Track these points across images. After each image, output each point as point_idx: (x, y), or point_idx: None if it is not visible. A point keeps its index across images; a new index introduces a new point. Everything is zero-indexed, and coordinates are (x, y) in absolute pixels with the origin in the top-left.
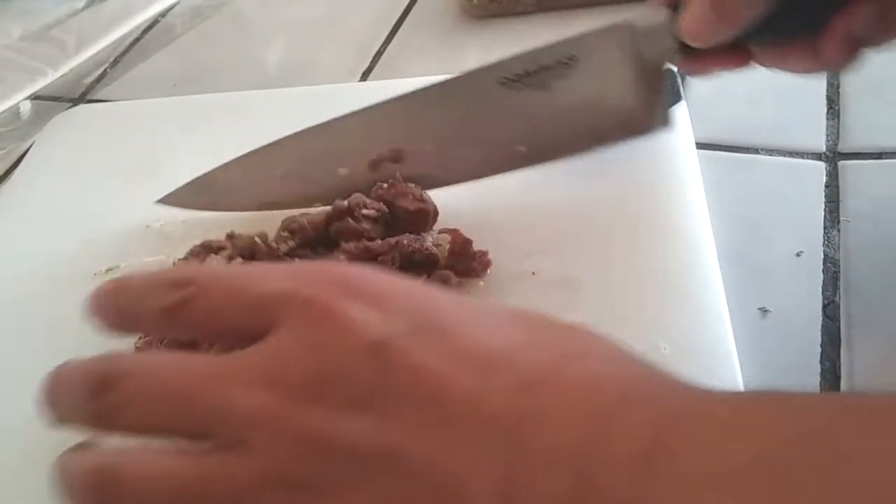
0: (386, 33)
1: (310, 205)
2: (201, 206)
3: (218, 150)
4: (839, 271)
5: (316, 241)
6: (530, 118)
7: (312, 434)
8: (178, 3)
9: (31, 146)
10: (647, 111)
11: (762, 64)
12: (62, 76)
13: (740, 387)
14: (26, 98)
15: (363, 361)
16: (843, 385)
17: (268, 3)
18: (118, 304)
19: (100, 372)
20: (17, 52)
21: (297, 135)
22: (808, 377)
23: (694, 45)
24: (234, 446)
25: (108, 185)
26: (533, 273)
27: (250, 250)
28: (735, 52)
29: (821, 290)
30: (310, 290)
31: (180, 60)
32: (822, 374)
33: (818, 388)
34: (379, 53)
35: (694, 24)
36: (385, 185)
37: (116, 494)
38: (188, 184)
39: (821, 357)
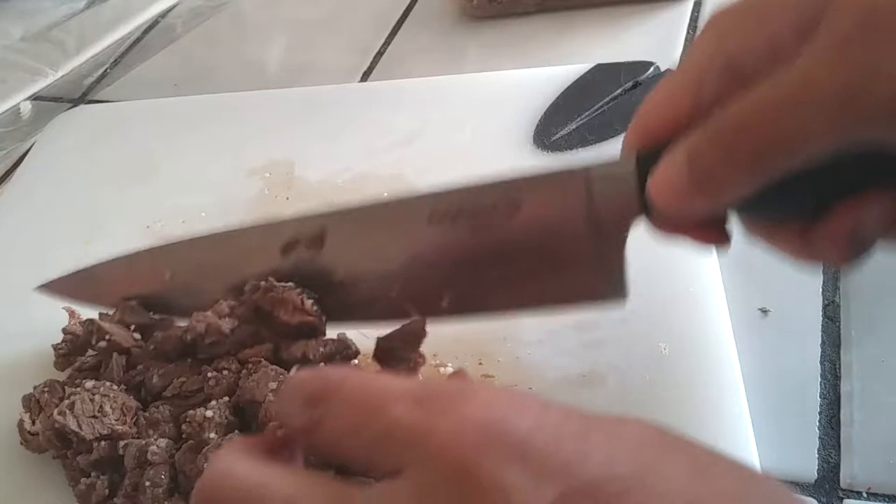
0: (386, 34)
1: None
2: (82, 299)
3: (218, 151)
4: (839, 271)
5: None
6: (455, 266)
7: None
8: (178, 4)
9: (31, 146)
10: (598, 278)
11: (749, 237)
12: (63, 77)
13: (740, 386)
14: (27, 98)
15: None
16: (843, 385)
17: (268, 4)
18: (282, 409)
19: (207, 487)
20: (18, 52)
21: (190, 241)
22: (808, 377)
23: (662, 211)
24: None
25: (108, 185)
26: None
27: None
28: (713, 228)
29: (821, 290)
30: (443, 433)
31: (181, 61)
32: (822, 375)
33: (818, 387)
34: (379, 54)
35: (664, 188)
36: (260, 287)
37: None
38: (72, 274)
39: (821, 357)
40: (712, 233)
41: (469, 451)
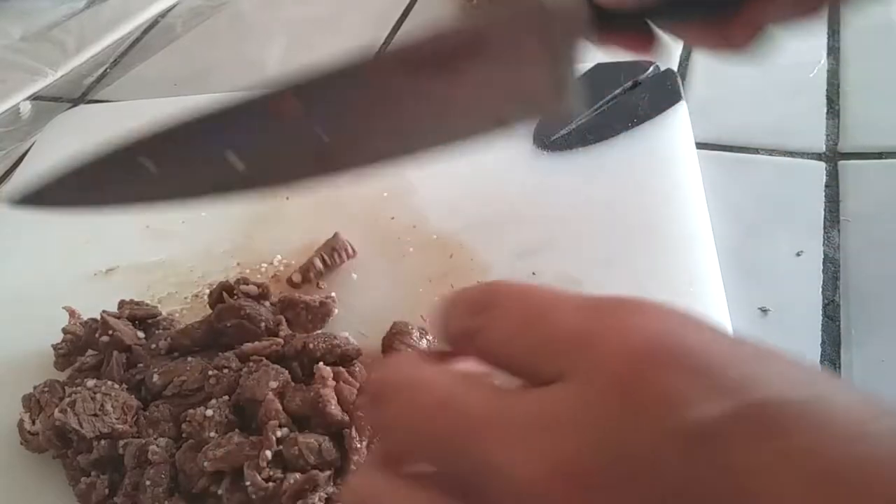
0: (385, 34)
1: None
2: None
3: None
4: (839, 271)
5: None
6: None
7: None
8: (178, 4)
9: (31, 146)
10: (548, 88)
11: (673, 38)
12: (62, 76)
13: None
14: (27, 98)
15: (671, 452)
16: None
17: (268, 4)
18: (439, 323)
19: (379, 381)
20: (18, 52)
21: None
22: None
23: (606, 6)
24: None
25: None
26: (533, 273)
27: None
28: (642, 34)
29: (821, 290)
30: (612, 341)
31: (180, 61)
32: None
33: None
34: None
35: None
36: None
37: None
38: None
39: (821, 357)
40: (643, 40)
41: (638, 360)
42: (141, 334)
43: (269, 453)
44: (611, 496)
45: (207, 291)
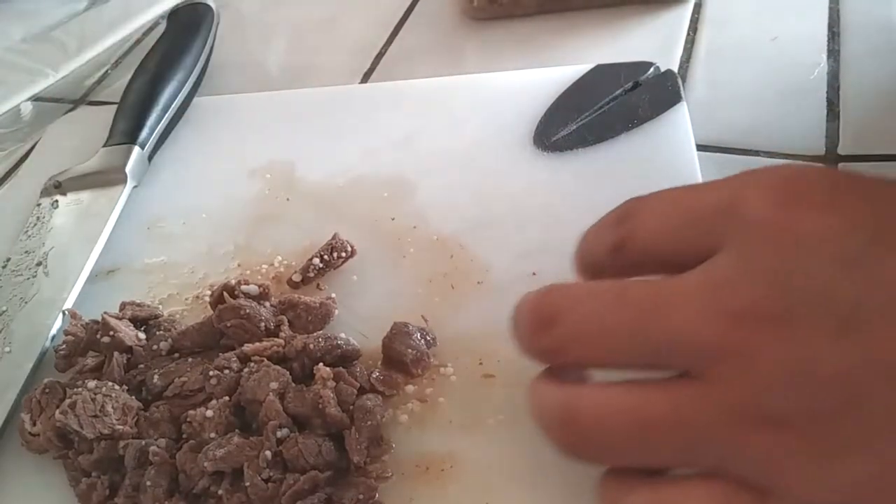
0: (387, 35)
1: None
2: None
3: (218, 151)
4: None
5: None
6: None
7: (789, 364)
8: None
9: (32, 148)
10: None
11: None
12: (63, 78)
13: None
14: (28, 99)
15: (836, 278)
16: None
17: (268, 5)
18: (581, 255)
19: (544, 307)
20: (19, 53)
21: None
22: None
23: None
24: (697, 378)
25: None
26: (533, 273)
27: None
28: None
29: None
30: (752, 202)
31: None
32: None
33: None
34: (380, 55)
35: None
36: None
37: (576, 432)
38: None
39: None
40: None
41: (780, 209)
42: (142, 335)
43: (269, 454)
44: (795, 329)
45: (208, 293)
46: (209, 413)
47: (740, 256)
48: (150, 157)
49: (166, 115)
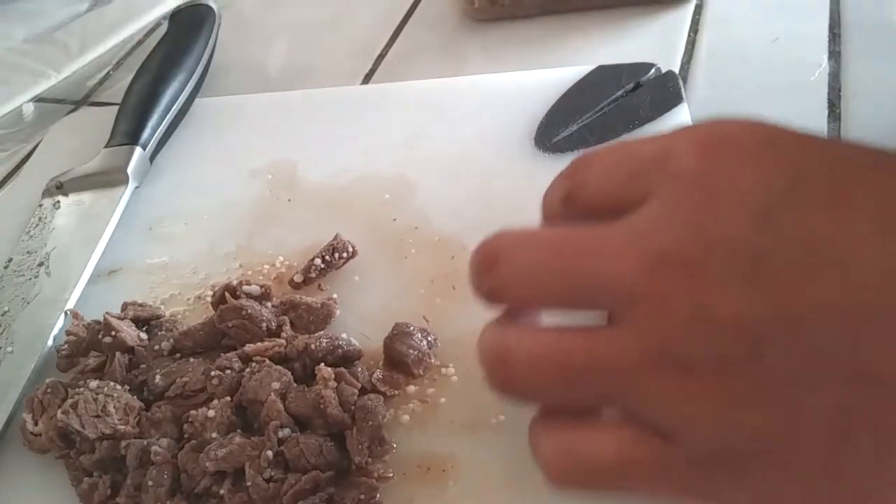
0: (388, 37)
1: None
2: None
3: (220, 152)
4: None
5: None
6: None
7: (700, 308)
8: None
9: (34, 148)
10: None
11: None
12: (66, 78)
13: None
14: (30, 100)
15: (748, 229)
16: None
17: (269, 6)
18: (542, 207)
19: (489, 250)
20: (21, 54)
21: None
22: None
23: None
24: (614, 319)
25: None
26: None
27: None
28: None
29: None
30: (678, 155)
31: None
32: None
33: None
34: (381, 57)
35: None
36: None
37: (506, 372)
38: None
39: None
40: None
41: (703, 161)
42: (144, 336)
43: (270, 454)
44: (705, 276)
45: (210, 293)
46: (211, 413)
47: (663, 205)
48: (152, 158)
49: (168, 116)
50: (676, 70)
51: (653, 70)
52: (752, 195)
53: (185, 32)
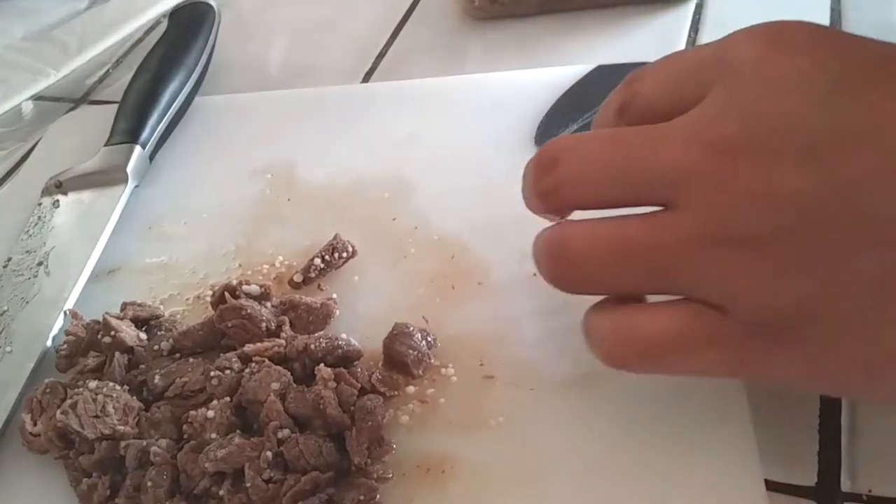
0: (388, 35)
1: None
2: None
3: (219, 151)
4: None
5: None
6: None
7: (753, 186)
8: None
9: (33, 147)
10: None
11: None
12: (64, 77)
13: (740, 386)
14: (28, 98)
15: (804, 111)
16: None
17: (269, 5)
18: (596, 122)
19: (547, 153)
20: (20, 52)
21: None
22: None
23: None
24: (673, 205)
25: None
26: (534, 273)
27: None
28: None
29: None
30: (736, 49)
31: None
32: None
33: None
34: (381, 55)
35: None
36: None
37: (563, 261)
38: None
39: None
40: None
41: (760, 53)
42: (143, 336)
43: (270, 454)
44: (763, 155)
45: (209, 293)
46: (210, 413)
47: (721, 97)
48: (152, 157)
49: (167, 115)
50: None
51: None
52: (809, 79)
53: (185, 30)
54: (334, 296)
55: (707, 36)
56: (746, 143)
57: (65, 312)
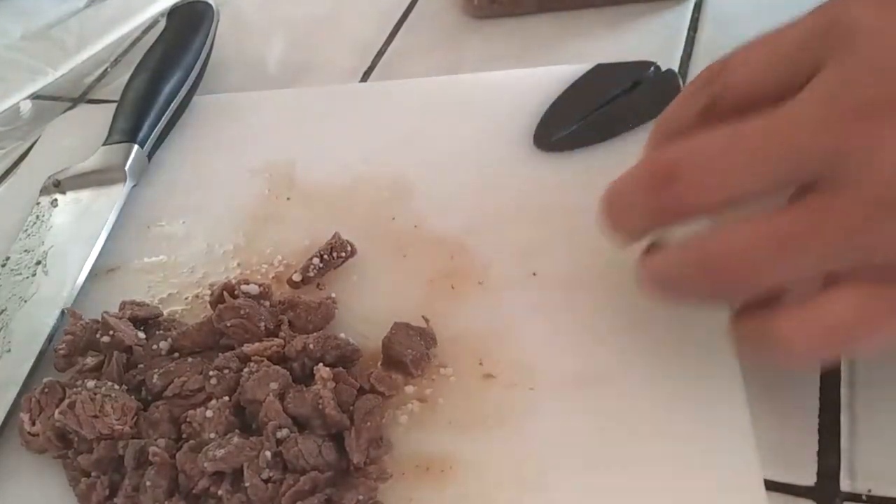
0: (386, 34)
1: None
2: None
3: (218, 151)
4: None
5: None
6: None
7: None
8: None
9: (32, 146)
10: None
11: None
12: (63, 75)
13: (742, 389)
14: (27, 97)
15: None
16: (843, 387)
17: (268, 3)
18: (664, 127)
19: (661, 166)
20: (18, 51)
21: None
22: (809, 379)
23: None
24: (824, 188)
25: None
26: (534, 273)
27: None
28: None
29: None
30: (853, 12)
31: None
32: (822, 377)
33: (818, 390)
34: (379, 54)
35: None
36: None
37: (717, 269)
38: None
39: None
40: None
41: (882, 11)
42: (142, 335)
43: (269, 454)
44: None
45: (208, 292)
46: (209, 413)
47: (845, 64)
48: (150, 156)
49: (166, 114)
50: (676, 68)
51: (652, 68)
52: None
53: (184, 29)
54: (333, 295)
55: (706, 35)
56: (891, 101)
57: (63, 311)
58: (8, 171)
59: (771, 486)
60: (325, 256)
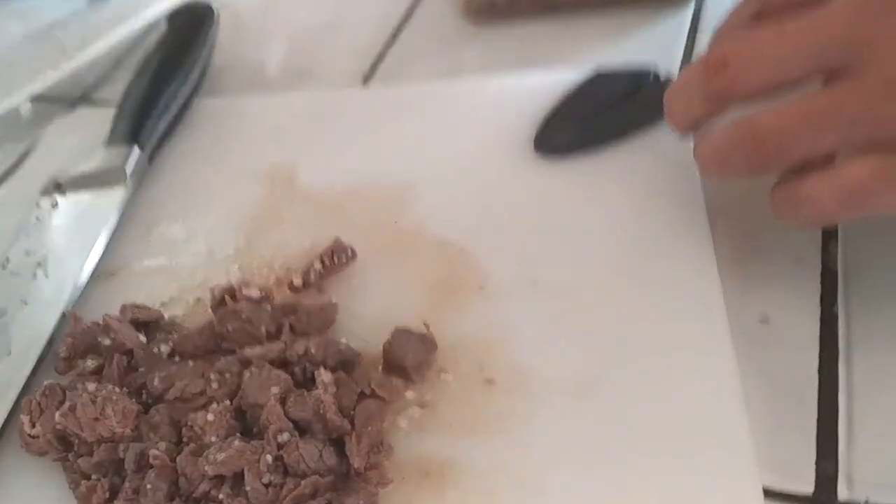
0: (387, 38)
1: None
2: None
3: (219, 155)
4: (837, 281)
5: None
6: None
7: None
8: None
9: (32, 148)
10: None
11: None
12: (63, 77)
13: (740, 397)
14: (27, 99)
15: None
16: (841, 396)
17: (268, 7)
18: (673, 111)
19: (713, 57)
20: (18, 52)
21: None
22: (807, 387)
23: None
24: (855, 71)
25: None
26: (534, 278)
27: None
28: None
29: (819, 299)
30: None
31: None
32: (821, 385)
33: (815, 398)
34: (380, 58)
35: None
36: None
37: (758, 140)
38: None
39: (819, 367)
40: None
41: None
42: (143, 338)
43: (269, 458)
44: None
45: (209, 296)
46: (210, 417)
47: None
48: (151, 159)
49: (167, 116)
50: (676, 73)
51: (652, 73)
52: None
53: (184, 32)
54: (334, 300)
55: (707, 39)
56: None
57: (64, 314)
58: (8, 173)
59: (769, 494)
60: (326, 261)
